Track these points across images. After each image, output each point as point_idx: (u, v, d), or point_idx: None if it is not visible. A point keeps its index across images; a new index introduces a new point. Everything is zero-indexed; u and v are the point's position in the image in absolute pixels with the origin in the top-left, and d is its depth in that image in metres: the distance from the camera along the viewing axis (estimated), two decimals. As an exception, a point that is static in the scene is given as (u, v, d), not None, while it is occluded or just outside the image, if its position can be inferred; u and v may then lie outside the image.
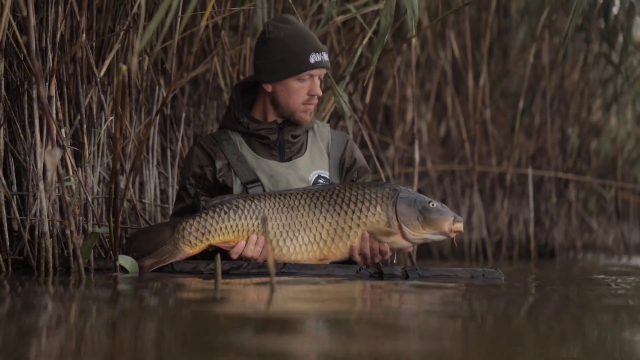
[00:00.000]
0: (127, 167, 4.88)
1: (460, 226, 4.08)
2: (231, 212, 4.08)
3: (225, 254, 4.11)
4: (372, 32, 5.19)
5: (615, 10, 7.93)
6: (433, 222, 4.06)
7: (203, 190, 4.28)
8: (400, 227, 4.09)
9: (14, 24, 4.27)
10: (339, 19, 5.47)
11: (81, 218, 4.40)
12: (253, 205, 4.09)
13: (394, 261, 4.55)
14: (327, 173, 4.35)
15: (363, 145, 6.33)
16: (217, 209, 4.09)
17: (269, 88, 4.27)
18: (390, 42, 5.26)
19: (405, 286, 3.81)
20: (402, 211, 4.09)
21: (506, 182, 8.62)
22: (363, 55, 5.56)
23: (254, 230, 4.08)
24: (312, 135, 4.39)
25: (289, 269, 4.09)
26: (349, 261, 4.16)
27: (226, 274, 4.08)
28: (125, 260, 4.02)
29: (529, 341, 2.41)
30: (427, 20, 7.30)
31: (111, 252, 4.04)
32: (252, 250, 4.07)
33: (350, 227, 4.11)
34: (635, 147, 9.99)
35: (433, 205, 4.09)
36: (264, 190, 4.22)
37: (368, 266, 4.16)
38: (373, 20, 5.41)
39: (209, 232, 4.07)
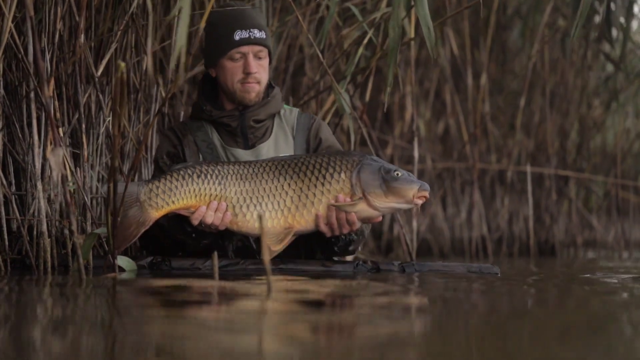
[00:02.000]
0: (126, 167, 4.89)
1: (425, 193, 3.98)
2: (195, 175, 4.01)
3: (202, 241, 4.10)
4: (372, 32, 5.21)
5: (613, 6, 7.94)
6: (396, 191, 3.96)
7: None
8: (363, 195, 4.01)
9: (11, 24, 4.27)
10: (346, 32, 5.48)
11: (80, 218, 4.40)
12: (216, 171, 4.03)
13: (362, 236, 4.32)
14: None
15: (362, 144, 6.33)
16: (181, 172, 4.03)
17: (213, 73, 4.30)
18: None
19: (395, 282, 3.82)
20: (365, 179, 4.01)
21: (506, 179, 8.62)
22: (362, 55, 5.54)
23: (215, 196, 4.02)
24: (278, 121, 4.35)
25: (287, 265, 4.10)
26: (316, 233, 4.09)
27: (223, 269, 4.07)
28: (123, 261, 4.01)
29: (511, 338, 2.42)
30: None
31: (110, 253, 4.03)
32: (212, 217, 4.00)
33: (315, 194, 4.03)
34: (636, 144, 9.98)
35: (398, 174, 3.99)
36: None
37: (365, 262, 4.15)
38: (372, 20, 5.40)
39: (174, 194, 4.00)
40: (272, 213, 4.04)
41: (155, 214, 4.03)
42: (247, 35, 4.20)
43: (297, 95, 6.27)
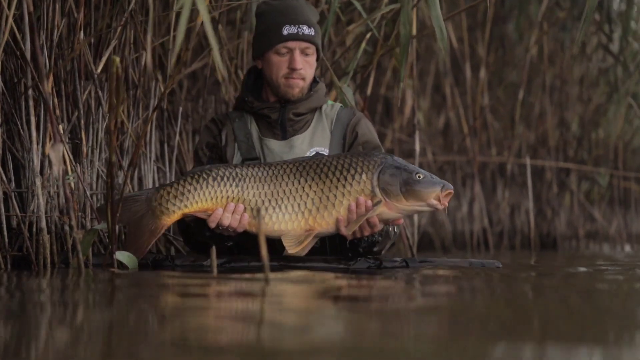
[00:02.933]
0: (125, 162, 4.89)
1: (449, 192, 3.94)
2: (210, 178, 3.99)
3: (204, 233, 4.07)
4: (377, 33, 5.20)
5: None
6: (417, 194, 3.93)
7: (216, 160, 4.30)
8: (384, 197, 3.98)
9: (11, 20, 4.27)
10: (352, 27, 5.47)
11: (79, 214, 4.41)
12: (234, 173, 4.00)
13: (390, 244, 4.35)
14: (327, 150, 4.28)
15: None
16: (196, 176, 4.00)
17: (259, 64, 4.32)
18: (394, 40, 5.24)
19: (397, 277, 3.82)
20: (385, 181, 3.97)
21: (506, 172, 8.62)
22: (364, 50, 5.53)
23: (232, 198, 3.99)
24: (319, 115, 4.35)
25: (287, 262, 4.10)
26: (337, 235, 4.07)
27: (223, 266, 4.06)
28: (123, 256, 4.00)
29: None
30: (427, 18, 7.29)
31: (110, 248, 4.03)
32: (230, 219, 3.96)
33: (336, 196, 3.99)
34: (637, 136, 9.97)
35: (420, 176, 3.96)
36: None
37: (363, 251, 4.14)
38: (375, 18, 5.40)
39: (187, 198, 3.97)
40: (293, 215, 4.00)
41: (167, 219, 4.01)
42: (296, 31, 4.20)
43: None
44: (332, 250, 4.24)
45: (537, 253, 7.38)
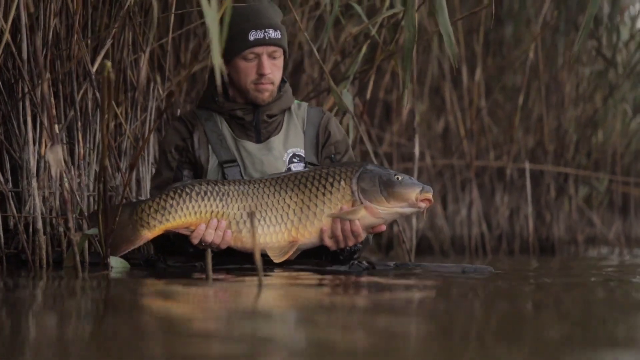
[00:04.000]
0: (123, 164, 4.88)
1: (428, 195, 3.96)
2: (193, 193, 3.96)
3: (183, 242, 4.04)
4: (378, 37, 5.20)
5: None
6: (397, 195, 3.94)
7: (185, 163, 4.22)
8: (365, 201, 3.98)
9: (10, 21, 4.27)
10: (355, 30, 5.46)
11: (75, 215, 4.40)
12: (217, 188, 3.98)
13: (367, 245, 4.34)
14: (302, 151, 4.25)
15: (361, 142, 6.32)
16: (179, 191, 3.98)
17: (226, 69, 4.20)
18: (394, 46, 5.24)
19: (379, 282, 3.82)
20: (365, 185, 3.98)
21: (505, 176, 8.61)
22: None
23: (217, 214, 3.97)
24: (289, 115, 4.29)
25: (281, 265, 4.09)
26: (321, 247, 4.07)
27: (217, 265, 4.04)
28: (116, 262, 3.98)
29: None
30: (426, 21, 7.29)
31: (102, 253, 4.00)
32: (213, 235, 3.95)
33: (317, 205, 3.99)
34: (635, 140, 9.97)
35: (399, 178, 3.97)
36: (240, 171, 4.15)
37: (360, 261, 4.15)
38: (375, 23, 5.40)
39: (169, 212, 3.95)
40: (276, 227, 4.00)
41: (147, 233, 3.99)
42: (262, 36, 4.13)
43: (297, 93, 6.26)
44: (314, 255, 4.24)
45: (535, 258, 7.37)
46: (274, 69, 4.17)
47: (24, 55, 4.33)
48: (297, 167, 4.22)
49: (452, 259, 7.24)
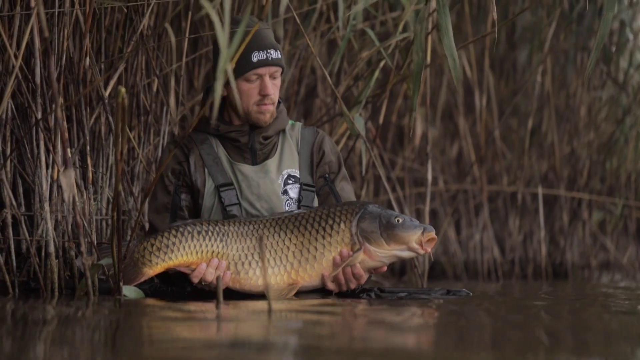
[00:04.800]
0: (135, 188, 4.89)
1: (431, 236, 3.93)
2: (195, 232, 3.96)
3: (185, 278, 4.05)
4: (390, 61, 5.21)
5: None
6: (397, 238, 3.93)
7: (182, 187, 4.20)
8: (364, 244, 3.97)
9: (21, 46, 4.28)
10: (364, 55, 5.46)
11: (87, 239, 4.40)
12: (217, 228, 3.98)
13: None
14: (297, 172, 4.23)
15: (374, 166, 6.31)
16: (181, 229, 3.98)
17: (223, 92, 4.16)
18: (406, 70, 5.24)
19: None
20: (365, 227, 3.97)
21: (517, 201, 8.59)
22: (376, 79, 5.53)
23: (217, 254, 3.97)
24: (283, 136, 4.27)
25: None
26: (323, 289, 4.06)
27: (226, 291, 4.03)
28: (129, 291, 3.97)
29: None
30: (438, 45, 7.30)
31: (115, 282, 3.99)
32: (213, 274, 3.95)
33: (317, 248, 3.98)
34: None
35: (399, 220, 3.95)
36: (237, 194, 4.13)
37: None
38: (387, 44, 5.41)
39: (171, 251, 3.95)
40: (275, 269, 3.99)
41: (149, 271, 3.99)
42: (265, 57, 4.12)
43: (309, 118, 6.26)
44: None
45: (548, 283, 7.33)
46: (274, 88, 4.17)
47: (37, 80, 4.34)
48: (293, 188, 4.20)
49: (464, 283, 7.20)
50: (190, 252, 3.97)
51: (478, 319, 3.42)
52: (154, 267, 3.98)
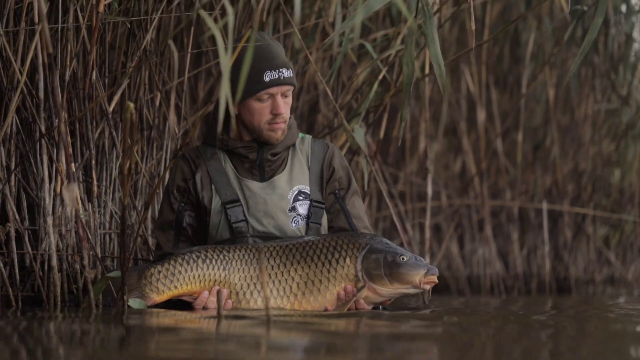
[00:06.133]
0: (138, 203, 4.91)
1: (433, 278, 3.96)
2: (199, 260, 4.00)
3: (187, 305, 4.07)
4: (385, 69, 5.24)
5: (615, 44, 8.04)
6: (401, 277, 3.94)
7: (187, 205, 4.20)
8: (368, 282, 3.98)
9: (26, 61, 4.32)
10: (360, 71, 5.49)
11: (91, 253, 4.43)
12: (222, 256, 4.01)
13: None
14: (308, 188, 4.21)
15: (375, 180, 6.33)
16: (186, 257, 4.01)
17: (235, 110, 4.16)
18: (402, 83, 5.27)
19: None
20: (369, 265, 3.98)
21: (522, 216, 8.60)
22: (376, 92, 5.55)
23: (220, 282, 4.00)
24: (293, 151, 4.26)
25: None
26: None
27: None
28: (134, 303, 3.98)
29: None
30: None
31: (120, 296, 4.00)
32: (214, 302, 3.97)
33: (321, 281, 4.00)
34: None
35: (403, 259, 3.96)
36: (243, 211, 4.13)
37: None
38: (386, 58, 5.43)
39: (177, 279, 3.99)
40: (278, 299, 4.01)
41: (156, 297, 4.03)
42: (277, 76, 4.08)
43: (312, 132, 6.28)
44: None
45: (552, 297, 7.34)
46: (286, 107, 4.15)
47: (41, 95, 4.37)
48: (303, 204, 4.19)
49: (468, 298, 7.21)
50: (194, 281, 4.00)
51: (478, 333, 3.43)
52: (161, 295, 4.02)
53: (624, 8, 8.09)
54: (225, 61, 3.27)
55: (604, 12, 4.57)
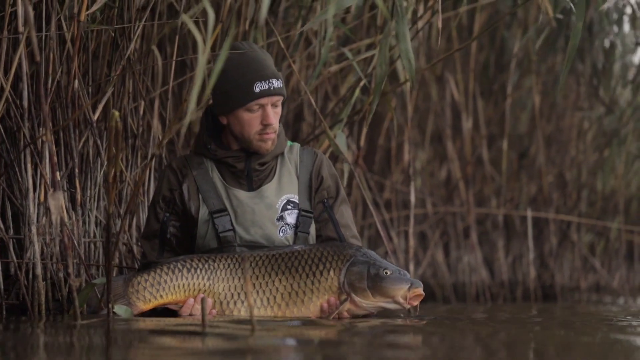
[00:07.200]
0: (123, 210, 4.91)
1: (417, 291, 3.95)
2: (184, 270, 4.01)
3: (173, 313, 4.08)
4: (366, 78, 5.26)
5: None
6: (383, 290, 3.94)
7: (172, 215, 4.20)
8: (351, 295, 3.98)
9: (11, 70, 4.31)
10: (334, 68, 5.51)
11: (75, 261, 4.43)
12: (207, 265, 4.02)
13: None
14: (297, 197, 4.21)
15: (358, 188, 6.34)
16: (172, 266, 4.02)
17: (224, 120, 4.16)
18: (387, 83, 5.28)
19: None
20: (352, 279, 3.99)
21: (507, 223, 8.62)
22: (357, 98, 5.57)
23: (204, 291, 4.01)
24: (282, 160, 4.26)
25: None
26: None
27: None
28: (120, 309, 3.98)
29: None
30: (424, 62, 7.37)
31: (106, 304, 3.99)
32: (199, 310, 3.97)
33: (305, 292, 4.00)
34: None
35: (387, 272, 3.96)
36: (231, 221, 4.13)
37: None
38: (367, 66, 5.45)
39: (163, 288, 4.01)
40: (262, 309, 4.02)
41: (142, 306, 4.04)
42: (267, 87, 4.07)
43: (297, 140, 6.29)
44: None
45: (537, 305, 7.35)
46: (276, 117, 4.14)
47: (25, 104, 4.37)
48: (291, 214, 4.19)
49: (453, 306, 7.22)
50: (179, 290, 4.02)
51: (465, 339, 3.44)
52: (147, 303, 4.04)
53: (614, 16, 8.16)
54: (203, 60, 3.27)
55: (583, 17, 4.63)
